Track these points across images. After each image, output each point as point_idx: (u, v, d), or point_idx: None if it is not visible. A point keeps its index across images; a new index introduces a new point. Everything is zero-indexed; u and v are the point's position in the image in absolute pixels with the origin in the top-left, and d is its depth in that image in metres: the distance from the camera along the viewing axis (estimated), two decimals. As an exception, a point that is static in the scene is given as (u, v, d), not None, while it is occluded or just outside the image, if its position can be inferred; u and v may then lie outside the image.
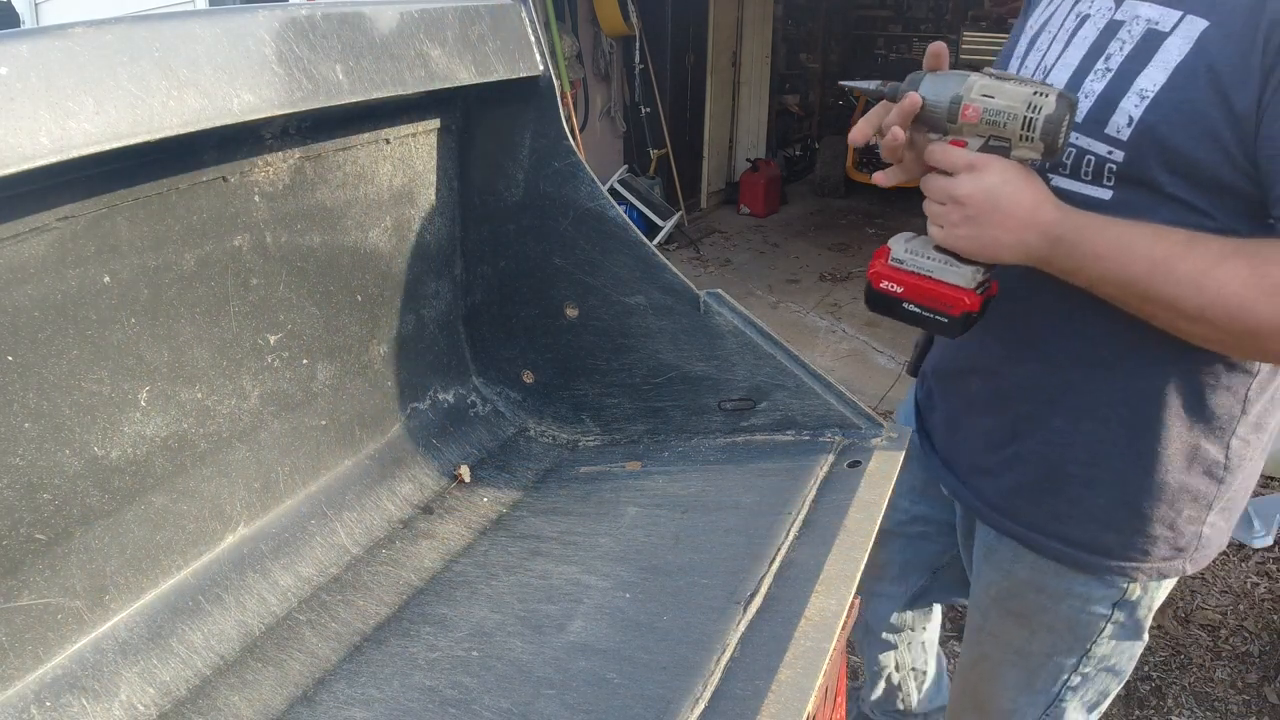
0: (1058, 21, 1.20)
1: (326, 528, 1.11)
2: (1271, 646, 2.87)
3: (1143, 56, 1.04)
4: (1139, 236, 1.00)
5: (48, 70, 0.66)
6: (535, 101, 1.19)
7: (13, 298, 0.78)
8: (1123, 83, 1.05)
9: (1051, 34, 1.20)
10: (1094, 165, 1.08)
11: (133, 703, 0.85)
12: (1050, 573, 1.24)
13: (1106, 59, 1.09)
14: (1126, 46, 1.07)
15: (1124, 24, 1.08)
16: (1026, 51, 1.23)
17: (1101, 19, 1.12)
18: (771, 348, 1.19)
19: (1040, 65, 1.18)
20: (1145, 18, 1.06)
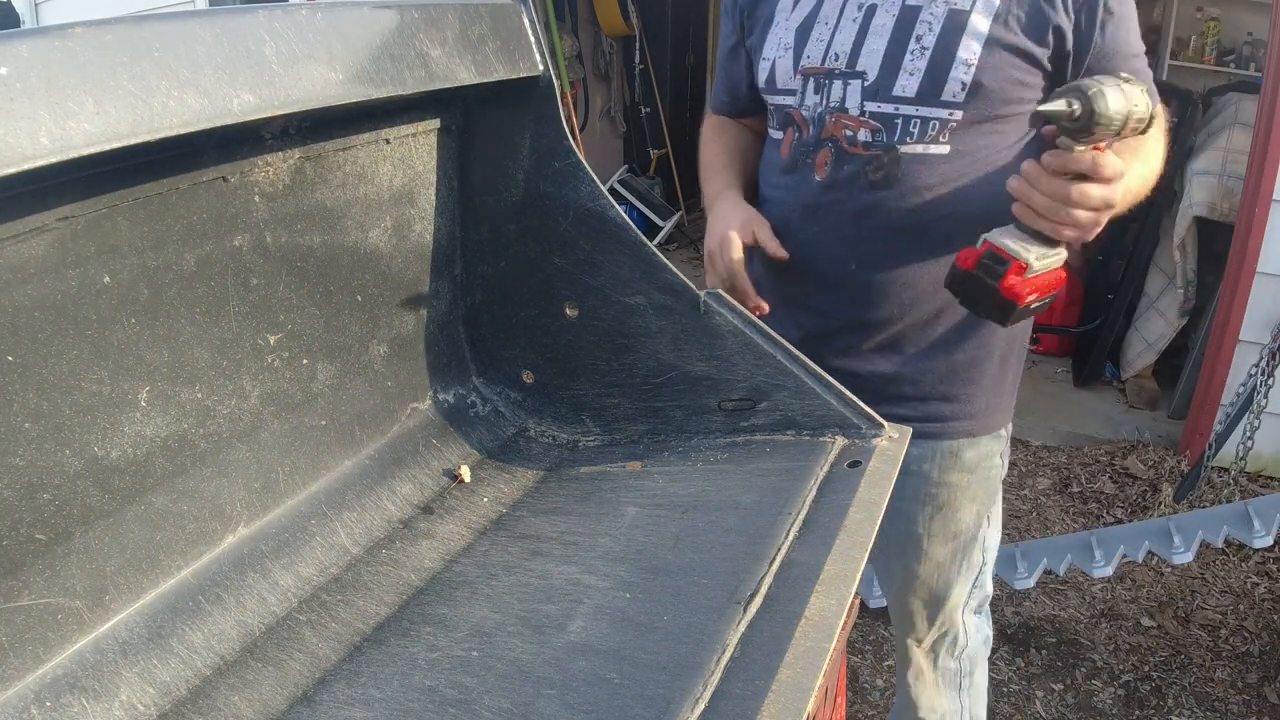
0: (832, 13, 1.38)
1: (326, 528, 1.11)
2: (1271, 646, 2.87)
3: (954, 33, 1.29)
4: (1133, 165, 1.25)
5: (48, 70, 0.65)
6: (535, 101, 1.19)
7: (13, 298, 0.78)
8: (945, 57, 1.29)
9: (829, 25, 1.39)
10: (936, 128, 1.33)
11: (133, 703, 0.85)
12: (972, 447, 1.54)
13: (918, 40, 1.31)
14: (935, 26, 1.30)
15: (922, 7, 1.31)
16: (800, 43, 1.41)
17: (893, 6, 1.33)
18: (771, 348, 1.19)
19: (829, 53, 1.38)
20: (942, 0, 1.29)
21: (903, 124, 1.34)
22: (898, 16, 1.33)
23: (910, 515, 1.59)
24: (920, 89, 1.32)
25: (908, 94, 1.33)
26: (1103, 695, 2.69)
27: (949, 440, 1.53)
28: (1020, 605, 3.06)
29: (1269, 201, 3.55)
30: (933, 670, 1.75)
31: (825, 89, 1.39)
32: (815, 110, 1.41)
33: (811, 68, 1.40)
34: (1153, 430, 4.22)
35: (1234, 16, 5.57)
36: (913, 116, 1.33)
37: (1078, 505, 3.72)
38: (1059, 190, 1.13)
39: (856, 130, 1.37)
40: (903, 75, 1.32)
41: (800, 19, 1.42)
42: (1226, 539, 2.53)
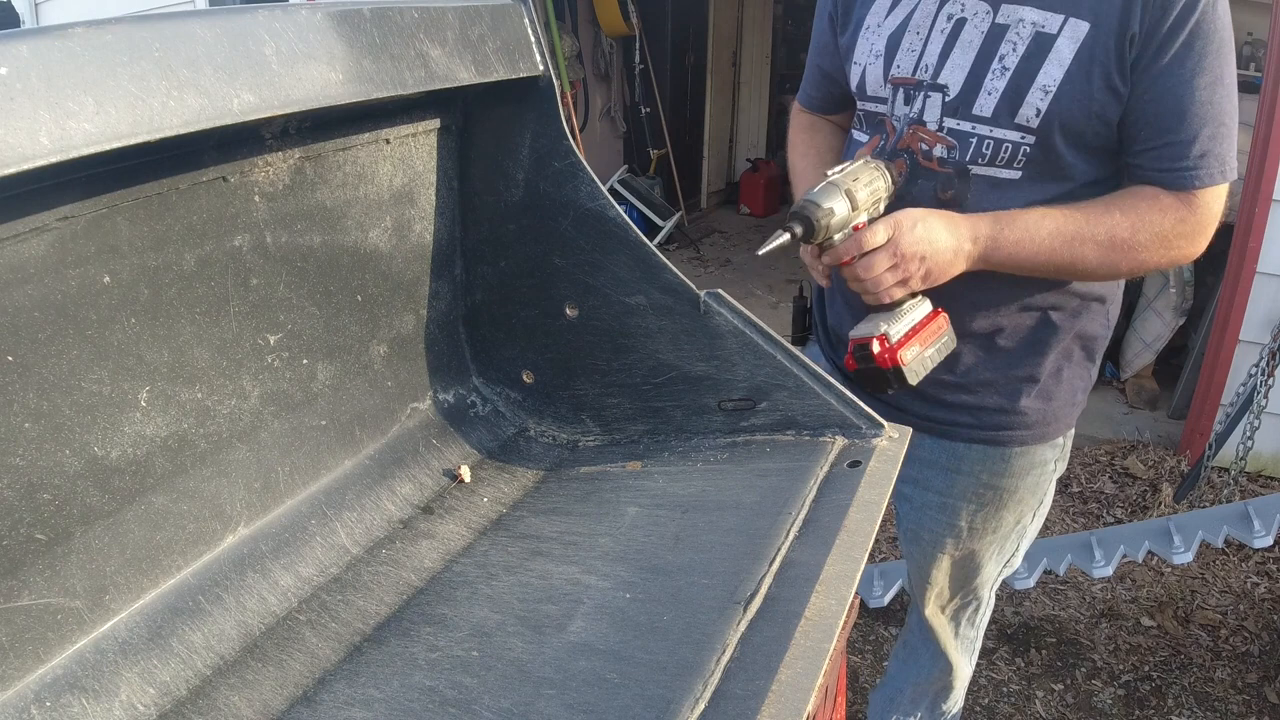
0: (923, 22, 1.37)
1: (326, 528, 1.11)
2: (1271, 646, 2.87)
3: (1037, 56, 1.27)
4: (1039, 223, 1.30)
5: (48, 70, 0.65)
6: (535, 101, 1.19)
7: (13, 298, 0.78)
8: (1024, 80, 1.28)
9: (920, 35, 1.37)
10: (1009, 151, 1.32)
11: (133, 703, 0.85)
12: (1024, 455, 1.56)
13: (1001, 59, 1.30)
14: (1019, 48, 1.28)
15: (1009, 27, 1.29)
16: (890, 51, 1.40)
17: (983, 22, 1.32)
18: (771, 348, 1.19)
19: (920, 64, 1.37)
20: (1031, 21, 1.28)
21: (976, 143, 1.33)
22: (986, 33, 1.31)
23: (955, 509, 1.63)
24: (997, 109, 1.30)
25: (984, 113, 1.32)
26: (1103, 695, 2.69)
27: (1001, 447, 1.55)
28: (1020, 605, 3.06)
29: (1269, 201, 3.55)
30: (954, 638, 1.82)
31: (914, 100, 1.39)
32: (904, 120, 1.40)
33: (901, 78, 1.39)
34: (1153, 430, 4.22)
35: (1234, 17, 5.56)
36: (987, 137, 1.32)
37: (1078, 505, 3.72)
38: (853, 274, 1.28)
39: (933, 145, 1.37)
40: (982, 94, 1.31)
41: (893, 26, 1.40)
42: (1226, 539, 2.53)
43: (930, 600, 1.76)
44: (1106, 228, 1.29)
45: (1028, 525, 1.68)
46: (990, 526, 1.64)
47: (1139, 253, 1.30)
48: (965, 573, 1.71)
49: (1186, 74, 1.24)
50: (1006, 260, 1.31)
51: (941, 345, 1.35)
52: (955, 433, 1.54)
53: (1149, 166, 1.30)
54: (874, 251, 1.26)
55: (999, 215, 1.31)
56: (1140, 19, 1.22)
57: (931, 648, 1.85)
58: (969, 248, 1.30)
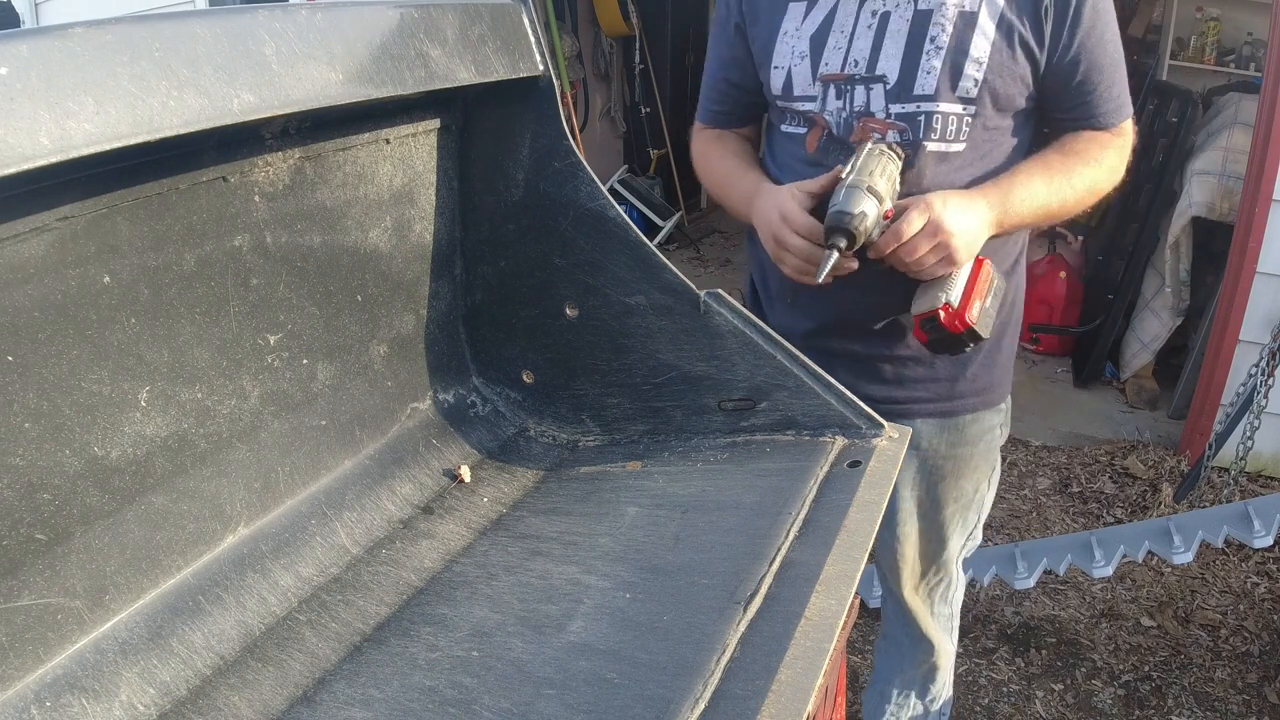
0: (846, 21, 1.44)
1: (326, 528, 1.11)
2: (1271, 646, 2.87)
3: (966, 31, 1.38)
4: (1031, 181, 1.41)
5: (48, 70, 0.66)
6: (535, 101, 1.19)
7: (13, 298, 0.78)
8: (959, 56, 1.38)
9: (845, 33, 1.44)
10: (955, 124, 1.42)
11: (133, 703, 0.85)
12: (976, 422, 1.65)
13: (933, 40, 1.39)
14: (947, 28, 1.38)
15: (933, 11, 1.39)
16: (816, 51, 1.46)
17: (906, 11, 1.40)
18: (771, 348, 1.19)
19: (848, 60, 1.44)
20: (951, 3, 1.38)
21: (925, 120, 1.42)
22: (911, 20, 1.40)
23: (916, 483, 1.70)
24: (938, 85, 1.40)
25: (927, 91, 1.40)
26: (1103, 695, 2.69)
27: (955, 416, 1.64)
28: (1020, 605, 3.06)
29: (1269, 201, 3.55)
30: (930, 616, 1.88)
31: (847, 94, 1.45)
32: (840, 115, 1.47)
33: (831, 74, 1.45)
34: (1153, 430, 4.22)
35: (1234, 16, 5.56)
36: (934, 113, 1.41)
37: (1078, 505, 3.72)
38: (900, 259, 1.33)
39: (885, 132, 1.43)
40: (921, 74, 1.40)
41: (813, 28, 1.46)
42: (1226, 539, 2.52)
43: (905, 581, 1.82)
44: (1080, 175, 1.43)
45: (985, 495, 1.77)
46: (951, 496, 1.71)
47: (1101, 188, 1.47)
48: (933, 546, 1.77)
49: (1099, 35, 1.40)
50: (1015, 222, 1.42)
51: (995, 291, 1.41)
52: (913, 409, 1.61)
53: (1083, 116, 1.46)
54: (915, 238, 1.30)
55: (998, 183, 1.40)
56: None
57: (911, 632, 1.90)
58: (990, 215, 1.37)
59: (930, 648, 1.90)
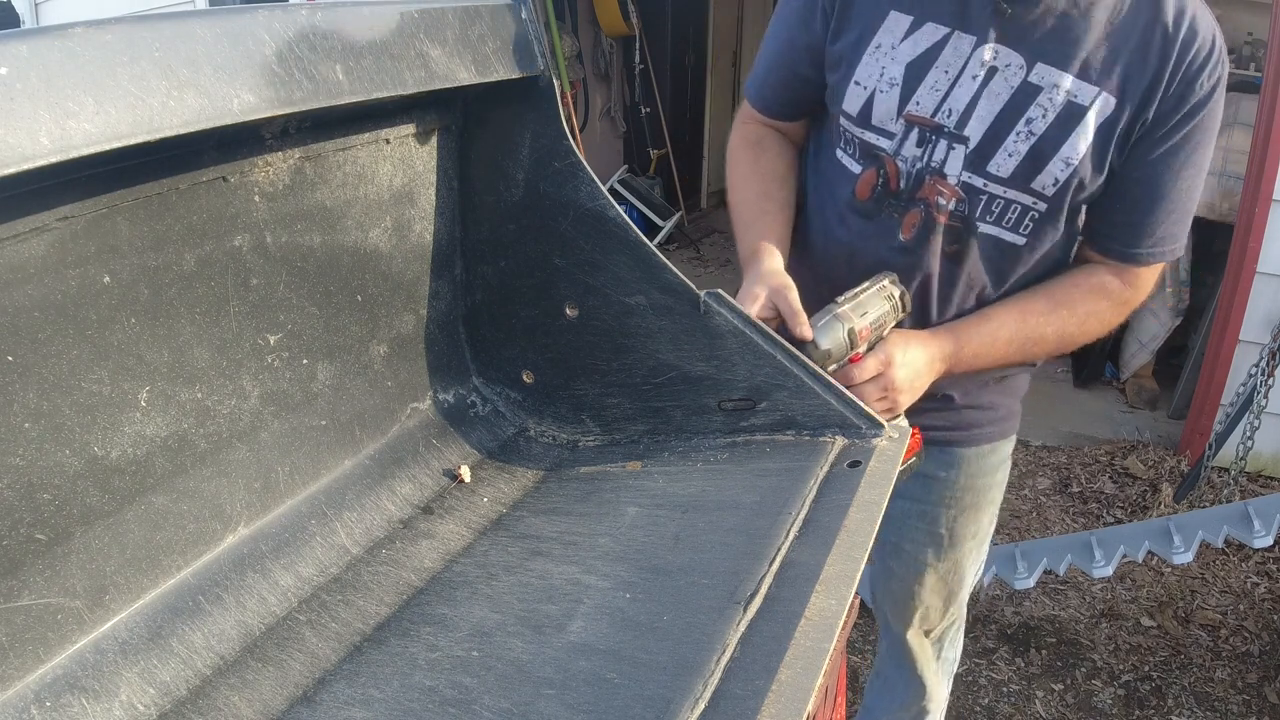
0: (955, 61, 1.27)
1: (326, 528, 1.11)
2: (1271, 646, 2.87)
3: (1066, 126, 1.24)
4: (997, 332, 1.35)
5: (48, 70, 0.65)
6: (535, 101, 1.19)
7: (13, 298, 0.78)
8: (1048, 148, 1.25)
9: (950, 74, 1.27)
10: (1018, 213, 1.30)
11: (133, 703, 0.85)
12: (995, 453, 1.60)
13: (1028, 122, 1.25)
14: (1049, 114, 1.24)
15: (1042, 90, 1.24)
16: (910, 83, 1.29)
17: (1014, 77, 1.25)
18: (771, 348, 1.19)
19: (943, 107, 1.28)
20: (1066, 89, 1.23)
21: (986, 201, 1.30)
22: (1016, 89, 1.25)
23: (935, 517, 1.63)
24: (1015, 172, 1.27)
25: (1001, 174, 1.28)
26: (1103, 695, 2.69)
27: (976, 446, 1.58)
28: (1020, 605, 3.06)
29: (1269, 201, 3.55)
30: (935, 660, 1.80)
31: (930, 144, 1.30)
32: (913, 164, 1.31)
33: (919, 117, 1.29)
34: (1153, 430, 4.22)
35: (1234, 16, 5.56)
36: (998, 197, 1.30)
37: (1078, 505, 3.72)
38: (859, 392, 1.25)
39: (950, 199, 1.31)
40: (1001, 153, 1.27)
41: (913, 55, 1.27)
42: (1226, 539, 2.53)
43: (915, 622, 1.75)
44: (1056, 327, 1.34)
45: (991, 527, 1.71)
46: (970, 531, 1.65)
47: (1081, 339, 1.38)
48: (950, 585, 1.70)
49: (1178, 164, 1.26)
50: (967, 370, 1.38)
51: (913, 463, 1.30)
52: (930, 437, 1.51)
53: (1107, 237, 1.34)
54: (863, 385, 1.26)
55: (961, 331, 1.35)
56: (1157, 105, 1.22)
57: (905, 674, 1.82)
58: (940, 367, 1.33)
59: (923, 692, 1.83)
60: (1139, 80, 1.21)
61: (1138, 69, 1.21)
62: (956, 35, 1.25)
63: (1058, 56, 1.22)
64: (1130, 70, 1.21)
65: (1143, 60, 1.21)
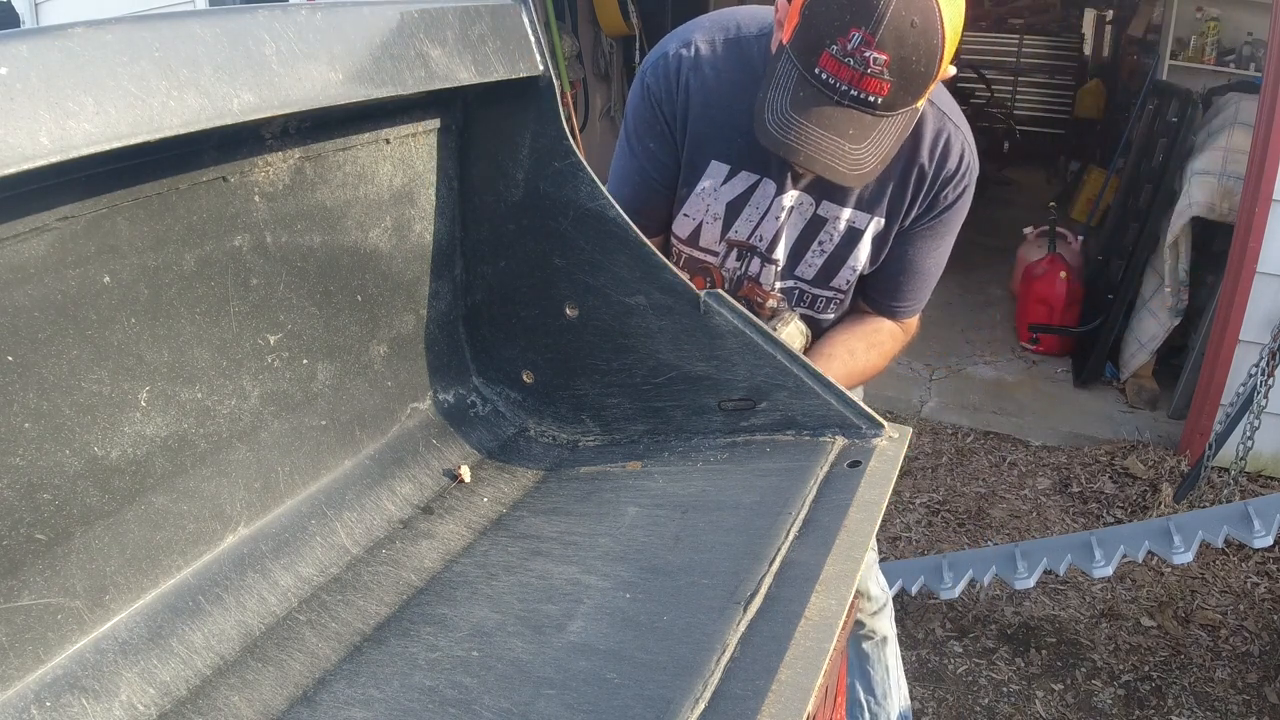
0: (761, 203, 1.58)
1: (326, 528, 1.11)
2: (1271, 646, 2.87)
3: (849, 245, 1.60)
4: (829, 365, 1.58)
5: (48, 70, 0.65)
6: (535, 101, 1.19)
7: (13, 298, 0.78)
8: (838, 262, 1.61)
9: (759, 209, 1.58)
10: (824, 303, 1.68)
11: (133, 703, 0.85)
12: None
13: (820, 244, 1.60)
14: (836, 237, 1.59)
15: (828, 220, 1.58)
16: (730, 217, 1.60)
17: (807, 211, 1.58)
18: (771, 348, 1.19)
19: (755, 234, 1.60)
20: (846, 219, 1.57)
21: (799, 294, 1.66)
22: (808, 220, 1.58)
23: None
24: (816, 276, 1.64)
25: (806, 277, 1.64)
26: (1103, 695, 2.69)
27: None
28: (1020, 605, 3.06)
29: (1269, 201, 3.55)
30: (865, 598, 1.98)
31: (746, 259, 1.64)
32: (734, 273, 1.66)
33: (738, 240, 1.62)
34: (1153, 430, 4.22)
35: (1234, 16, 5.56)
36: (807, 292, 1.66)
37: (1078, 505, 3.72)
38: None
39: (765, 299, 1.67)
40: (804, 264, 1.62)
41: (731, 195, 1.57)
42: (1226, 539, 2.52)
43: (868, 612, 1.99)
44: (864, 362, 1.66)
45: None
46: None
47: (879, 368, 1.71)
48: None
49: (928, 249, 1.61)
50: None
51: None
52: None
53: (879, 300, 1.69)
54: None
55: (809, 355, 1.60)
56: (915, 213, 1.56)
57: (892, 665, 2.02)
58: None
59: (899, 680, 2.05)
60: (899, 202, 1.55)
61: (899, 195, 1.54)
62: (764, 182, 1.55)
63: (839, 197, 1.55)
64: (894, 197, 1.55)
65: (903, 188, 1.54)
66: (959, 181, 1.54)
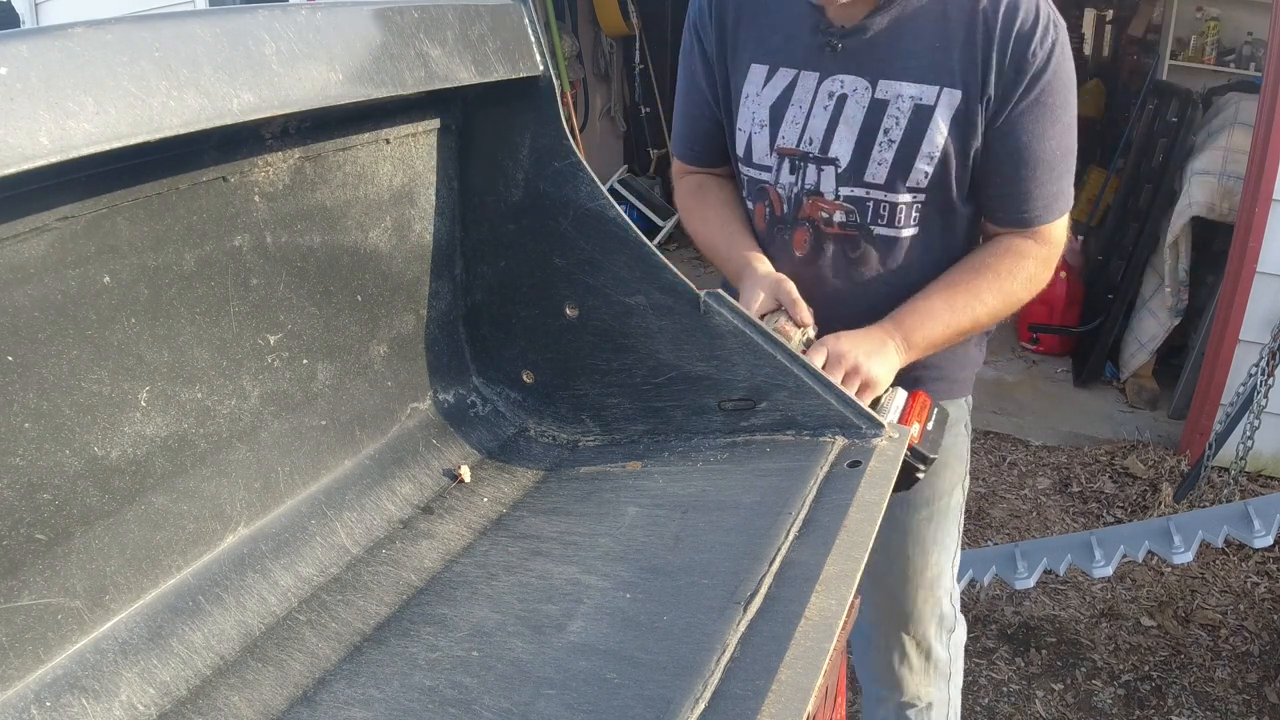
0: (804, 97, 1.44)
1: (326, 528, 1.11)
2: (1271, 646, 2.87)
3: (919, 126, 1.38)
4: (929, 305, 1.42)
5: (48, 70, 0.65)
6: (535, 101, 1.19)
7: (13, 298, 0.78)
8: (910, 149, 1.39)
9: (803, 108, 1.44)
10: (904, 211, 1.44)
11: (133, 703, 0.85)
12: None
13: (886, 133, 1.40)
14: (902, 121, 1.39)
15: (889, 102, 1.39)
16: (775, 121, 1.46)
17: (863, 97, 1.41)
18: (771, 348, 1.19)
19: (804, 137, 1.45)
20: (909, 95, 1.38)
21: (874, 207, 1.45)
22: (868, 108, 1.41)
23: None
24: (889, 177, 1.42)
25: (878, 180, 1.43)
26: (1103, 695, 2.69)
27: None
28: (1020, 605, 3.06)
29: (1269, 201, 3.55)
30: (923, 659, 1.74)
31: (800, 170, 1.47)
32: (791, 190, 1.49)
33: (787, 149, 1.47)
34: (1153, 430, 4.22)
35: (1234, 16, 5.57)
36: (883, 201, 1.44)
37: (1078, 505, 3.72)
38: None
39: (832, 213, 1.47)
40: (872, 164, 1.42)
41: (773, 98, 1.46)
42: (1226, 539, 2.53)
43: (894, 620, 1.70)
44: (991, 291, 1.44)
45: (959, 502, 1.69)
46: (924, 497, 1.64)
47: (1016, 299, 1.47)
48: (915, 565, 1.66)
49: (1040, 129, 1.38)
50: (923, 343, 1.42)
51: (937, 417, 1.35)
52: None
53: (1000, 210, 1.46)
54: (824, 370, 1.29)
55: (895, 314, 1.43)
56: (995, 83, 1.35)
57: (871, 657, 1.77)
58: (890, 341, 1.39)
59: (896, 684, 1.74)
60: (972, 67, 1.35)
61: (967, 57, 1.35)
62: (803, 74, 1.43)
63: (896, 70, 1.38)
64: (963, 60, 1.35)
65: (969, 48, 1.34)
66: (1042, 36, 1.33)
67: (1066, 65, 1.37)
